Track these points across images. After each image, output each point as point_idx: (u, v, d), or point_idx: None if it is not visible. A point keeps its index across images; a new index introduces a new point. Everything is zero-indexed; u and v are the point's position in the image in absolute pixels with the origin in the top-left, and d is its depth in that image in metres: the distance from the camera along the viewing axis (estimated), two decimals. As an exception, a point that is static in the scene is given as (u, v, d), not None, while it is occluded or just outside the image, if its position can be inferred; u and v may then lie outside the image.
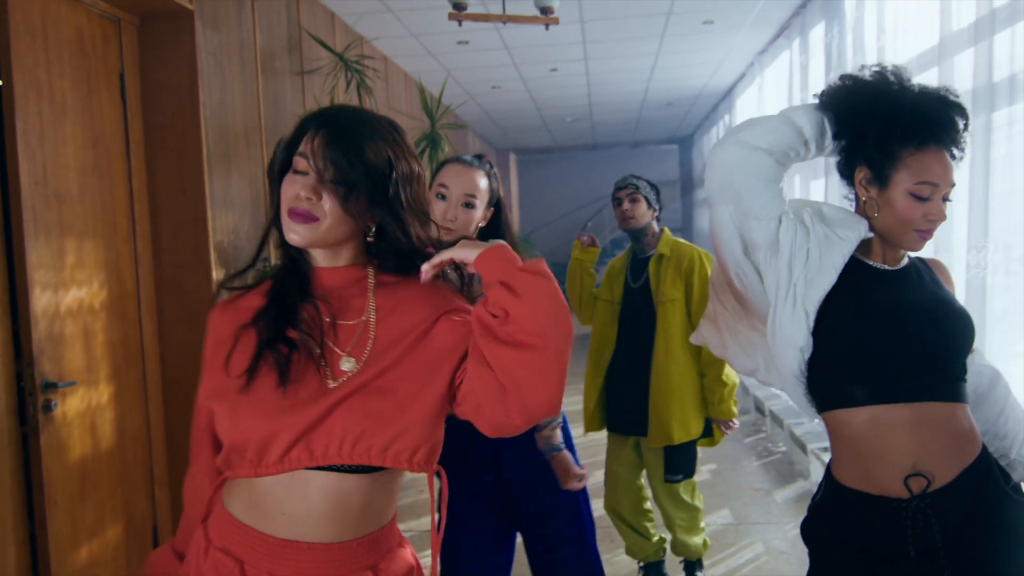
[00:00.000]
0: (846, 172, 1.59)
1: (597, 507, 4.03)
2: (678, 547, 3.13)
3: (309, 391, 1.21)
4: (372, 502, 1.25)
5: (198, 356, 3.31)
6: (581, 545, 2.13)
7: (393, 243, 1.27)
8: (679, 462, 3.01)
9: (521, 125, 9.95)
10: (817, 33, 4.85)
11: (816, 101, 1.58)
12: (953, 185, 1.50)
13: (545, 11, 3.50)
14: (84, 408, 2.68)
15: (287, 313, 1.26)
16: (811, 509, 1.57)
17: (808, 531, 1.56)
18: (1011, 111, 2.63)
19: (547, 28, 3.44)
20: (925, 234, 1.51)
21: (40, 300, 2.48)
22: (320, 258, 1.30)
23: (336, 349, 1.25)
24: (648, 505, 3.17)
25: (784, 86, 5.65)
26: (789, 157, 1.56)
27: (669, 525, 3.12)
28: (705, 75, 7.39)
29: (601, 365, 3.12)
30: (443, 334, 1.26)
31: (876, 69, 1.54)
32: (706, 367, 2.95)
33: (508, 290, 1.16)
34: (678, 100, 8.78)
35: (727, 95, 8.24)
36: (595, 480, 4.45)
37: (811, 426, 4.54)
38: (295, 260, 1.30)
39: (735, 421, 2.99)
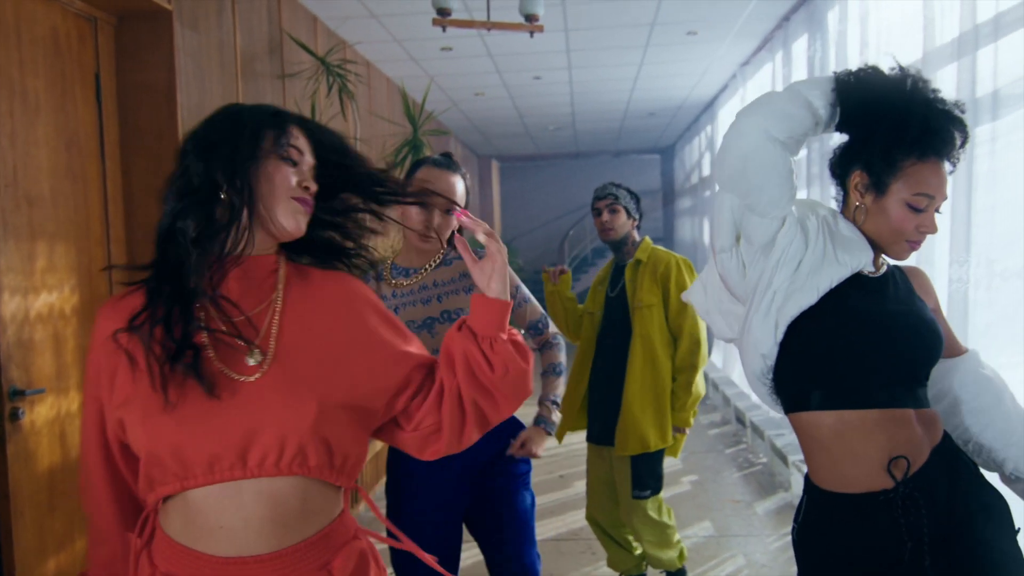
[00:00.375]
0: (840, 172, 1.58)
1: (578, 518, 4.01)
2: (653, 561, 3.09)
3: (222, 392, 1.17)
4: (310, 500, 1.22)
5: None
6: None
7: (334, 232, 1.34)
8: (646, 476, 2.96)
9: (504, 132, 9.93)
10: (800, 46, 4.87)
11: (830, 77, 1.51)
12: (946, 198, 1.49)
13: (530, 18, 3.48)
14: (53, 416, 2.61)
15: (187, 313, 1.20)
16: (800, 524, 1.55)
17: (800, 547, 1.54)
18: (994, 126, 2.64)
19: (532, 35, 3.42)
20: (915, 244, 1.52)
21: (9, 305, 2.41)
22: (264, 246, 1.28)
23: (241, 343, 1.21)
24: None
25: (766, 98, 5.66)
26: (801, 144, 1.51)
27: (640, 541, 3.08)
28: (688, 86, 7.42)
29: (583, 378, 3.10)
30: (387, 361, 1.29)
31: (896, 67, 1.50)
32: (678, 372, 2.94)
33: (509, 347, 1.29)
34: (660, 110, 8.80)
35: (709, 106, 8.27)
36: (577, 491, 4.42)
37: (792, 438, 4.53)
38: (203, 250, 1.22)
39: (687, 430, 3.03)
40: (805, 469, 1.57)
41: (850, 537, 1.44)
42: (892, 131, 1.46)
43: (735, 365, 6.75)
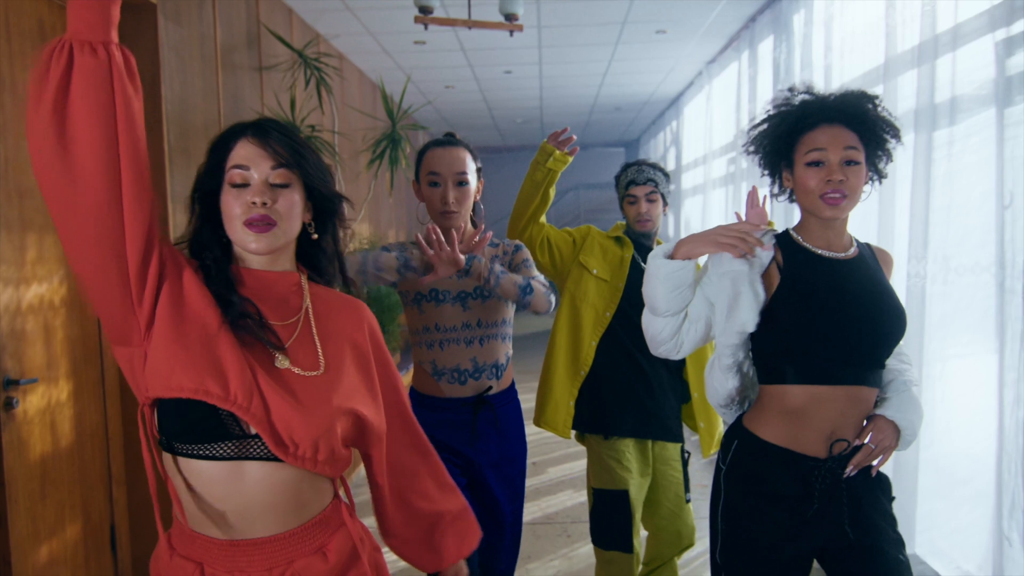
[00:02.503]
0: (777, 182, 1.82)
1: (552, 503, 4.13)
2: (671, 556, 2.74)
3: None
4: (306, 489, 1.30)
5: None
6: (518, 522, 2.37)
7: (328, 240, 1.38)
8: (687, 476, 2.71)
9: (471, 124, 9.99)
10: (766, 47, 5.03)
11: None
12: (849, 146, 1.68)
13: (509, 17, 3.56)
14: (44, 405, 2.64)
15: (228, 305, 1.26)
16: (728, 466, 1.77)
17: (728, 483, 1.76)
18: (951, 131, 2.80)
19: (511, 35, 3.50)
20: (831, 198, 1.68)
21: (2, 296, 2.43)
22: (259, 262, 1.33)
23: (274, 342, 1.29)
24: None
25: (732, 96, 5.83)
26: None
27: (676, 545, 2.69)
28: (655, 82, 7.56)
29: (588, 354, 2.61)
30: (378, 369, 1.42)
31: (785, 90, 1.80)
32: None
33: None
34: (627, 105, 8.94)
35: (675, 102, 8.44)
36: (550, 477, 4.55)
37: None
38: (219, 265, 1.30)
39: None
40: None
41: (775, 483, 1.70)
42: (779, 122, 1.75)
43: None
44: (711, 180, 6.55)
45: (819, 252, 1.73)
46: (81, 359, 2.88)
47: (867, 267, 1.74)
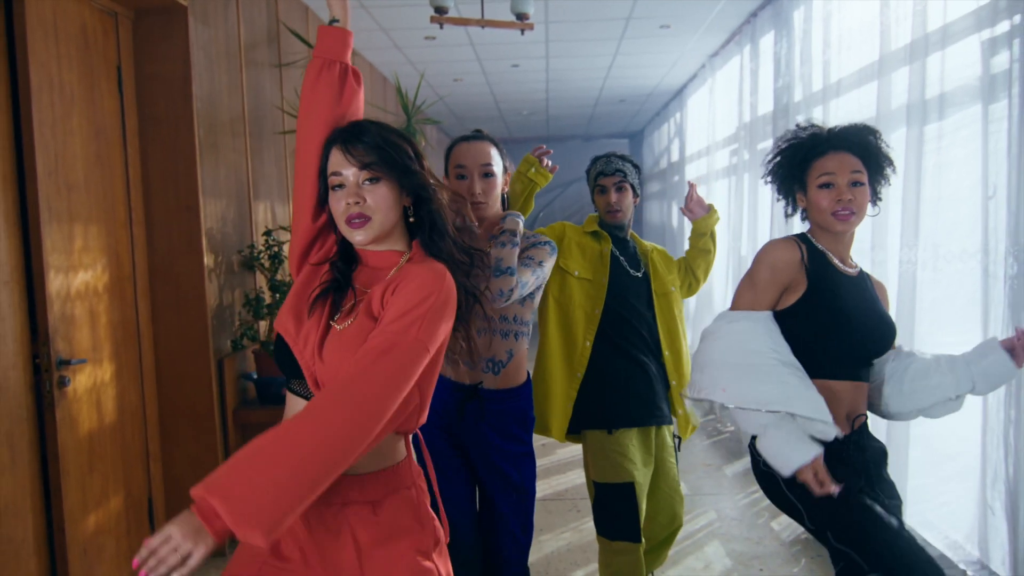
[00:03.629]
0: (793, 202, 2.08)
1: (562, 482, 4.32)
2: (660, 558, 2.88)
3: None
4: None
5: (189, 338, 3.52)
6: (520, 523, 2.33)
7: (430, 216, 1.51)
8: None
9: (478, 116, 10.12)
10: (767, 41, 5.17)
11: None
12: (855, 170, 1.95)
13: (521, 16, 3.71)
14: (91, 385, 2.82)
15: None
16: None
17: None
18: (940, 125, 2.96)
19: (523, 33, 3.66)
20: (841, 215, 1.95)
21: (54, 282, 2.62)
22: (366, 245, 1.53)
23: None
24: None
25: (735, 89, 5.98)
26: None
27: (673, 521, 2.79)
28: (659, 75, 7.70)
29: (584, 354, 2.68)
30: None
31: (795, 127, 2.08)
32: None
33: None
34: (631, 97, 9.08)
35: (678, 94, 8.58)
36: (558, 457, 4.74)
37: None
38: (347, 252, 1.57)
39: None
40: None
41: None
42: (794, 152, 2.03)
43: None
44: (714, 171, 6.71)
45: (836, 264, 1.98)
46: (122, 342, 3.07)
47: (867, 286, 2.03)
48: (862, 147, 1.97)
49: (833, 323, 1.92)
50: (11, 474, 2.41)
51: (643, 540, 2.60)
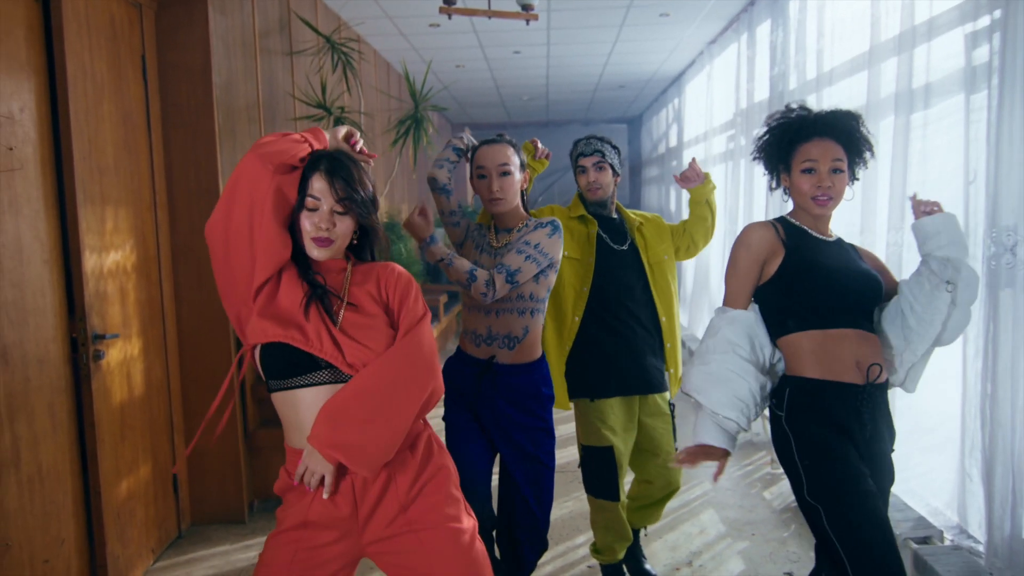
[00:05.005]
0: (777, 179, 2.23)
1: (563, 455, 4.50)
2: (651, 515, 3.07)
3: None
4: None
5: (209, 316, 3.70)
6: (534, 493, 2.52)
7: (370, 241, 1.85)
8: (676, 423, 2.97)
9: (479, 102, 10.25)
10: (763, 30, 5.32)
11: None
12: (836, 158, 2.08)
13: (526, 7, 3.84)
14: (122, 359, 2.99)
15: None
16: (787, 410, 2.05)
17: (791, 423, 2.03)
18: (926, 114, 3.11)
19: (528, 23, 3.80)
20: (820, 200, 2.10)
21: (89, 261, 2.78)
22: (335, 256, 1.81)
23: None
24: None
25: (732, 76, 6.12)
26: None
27: (669, 485, 2.96)
28: (657, 61, 7.84)
29: (572, 329, 2.85)
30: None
31: (784, 108, 2.19)
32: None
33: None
34: (630, 83, 9.21)
35: (677, 80, 8.71)
36: (558, 432, 4.92)
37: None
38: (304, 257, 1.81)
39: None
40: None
41: (835, 414, 2.00)
42: (782, 133, 2.15)
43: (700, 323, 7.28)
44: (712, 156, 6.86)
45: (813, 233, 2.14)
46: (148, 320, 3.23)
47: (843, 248, 2.17)
48: (846, 134, 2.11)
49: (814, 275, 2.05)
50: (52, 441, 2.57)
51: (623, 499, 2.84)
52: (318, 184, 1.71)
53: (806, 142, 2.11)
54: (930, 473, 3.32)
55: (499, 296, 2.34)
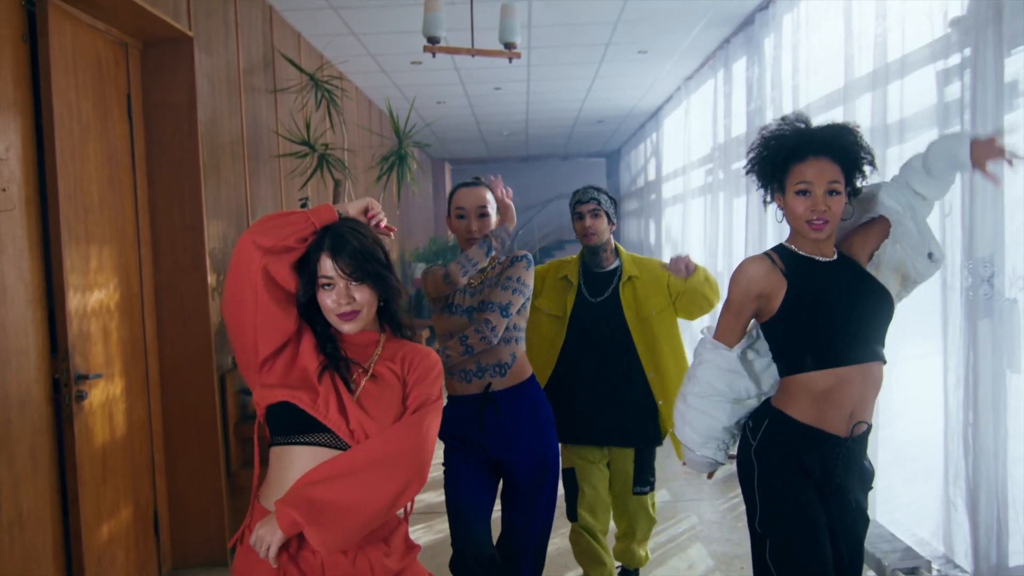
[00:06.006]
0: (770, 199, 2.13)
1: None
2: (627, 558, 3.21)
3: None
4: None
5: (191, 355, 3.67)
6: (539, 514, 2.65)
7: (393, 306, 1.81)
8: (647, 471, 3.10)
9: (459, 137, 10.34)
10: (740, 66, 5.43)
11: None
12: (832, 180, 1.98)
13: (509, 46, 3.89)
14: (105, 399, 2.95)
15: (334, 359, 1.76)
16: (759, 441, 2.05)
17: (760, 456, 2.04)
18: (901, 148, 3.19)
19: (510, 61, 3.85)
20: (815, 224, 2.00)
21: (73, 301, 2.75)
22: (366, 328, 1.79)
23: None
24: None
25: (709, 111, 6.23)
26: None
27: (630, 537, 3.16)
28: (636, 96, 7.96)
29: (545, 377, 3.03)
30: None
31: (780, 119, 2.09)
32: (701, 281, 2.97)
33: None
34: (609, 118, 9.34)
35: (655, 115, 8.85)
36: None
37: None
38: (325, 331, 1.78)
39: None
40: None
41: (804, 459, 1.99)
42: (776, 152, 2.04)
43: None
44: (690, 190, 6.95)
45: (814, 258, 2.04)
46: (131, 359, 3.20)
47: (850, 265, 2.07)
48: (842, 151, 2.00)
49: (820, 311, 1.98)
50: (33, 484, 2.53)
51: (587, 523, 3.06)
52: (326, 263, 1.70)
53: (800, 162, 2.00)
54: (915, 503, 3.34)
55: (499, 333, 2.46)
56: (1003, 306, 2.63)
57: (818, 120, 2.11)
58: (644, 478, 3.10)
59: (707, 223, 6.07)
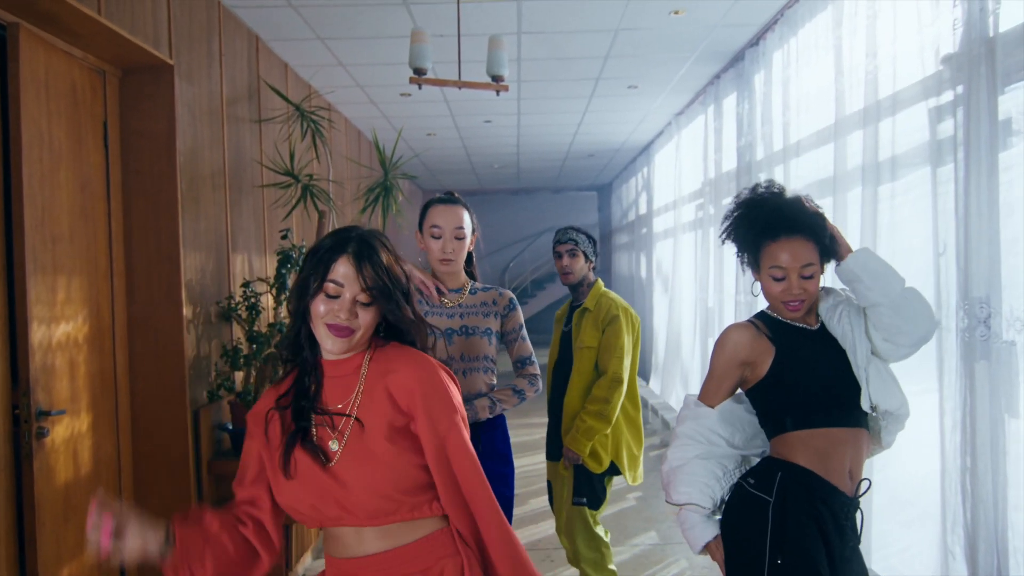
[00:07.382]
0: (745, 271, 2.12)
1: (537, 531, 4.35)
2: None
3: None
4: (395, 528, 1.53)
5: (164, 389, 3.53)
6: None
7: (396, 325, 1.59)
8: (583, 486, 3.24)
9: (450, 168, 10.31)
10: (730, 102, 5.41)
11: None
12: (806, 264, 1.93)
13: (496, 78, 3.85)
14: (69, 436, 2.83)
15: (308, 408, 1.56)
16: (777, 493, 1.94)
17: (781, 508, 1.93)
18: (893, 186, 3.14)
19: (498, 94, 3.80)
20: (791, 305, 1.97)
21: (37, 333, 2.64)
22: (333, 354, 1.58)
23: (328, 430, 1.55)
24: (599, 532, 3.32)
25: (700, 146, 6.21)
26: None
27: (577, 555, 3.28)
28: (626, 131, 7.96)
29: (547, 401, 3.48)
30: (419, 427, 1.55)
31: (751, 188, 2.07)
32: (590, 401, 3.17)
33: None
34: (600, 152, 9.34)
35: (645, 149, 8.84)
36: (532, 508, 4.77)
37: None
38: (312, 355, 1.58)
39: (577, 458, 3.18)
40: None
41: (820, 514, 1.93)
42: (749, 229, 2.01)
43: (672, 391, 7.21)
44: (681, 224, 6.91)
45: (798, 325, 2.02)
46: (99, 393, 3.08)
47: (829, 336, 2.04)
48: (811, 229, 1.96)
49: (808, 377, 1.97)
50: (-13, 526, 2.40)
51: (561, 524, 3.36)
52: (343, 268, 1.50)
53: (773, 242, 1.95)
54: (911, 548, 3.23)
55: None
56: (1000, 348, 2.55)
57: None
58: (580, 490, 3.26)
59: (698, 258, 6.01)
